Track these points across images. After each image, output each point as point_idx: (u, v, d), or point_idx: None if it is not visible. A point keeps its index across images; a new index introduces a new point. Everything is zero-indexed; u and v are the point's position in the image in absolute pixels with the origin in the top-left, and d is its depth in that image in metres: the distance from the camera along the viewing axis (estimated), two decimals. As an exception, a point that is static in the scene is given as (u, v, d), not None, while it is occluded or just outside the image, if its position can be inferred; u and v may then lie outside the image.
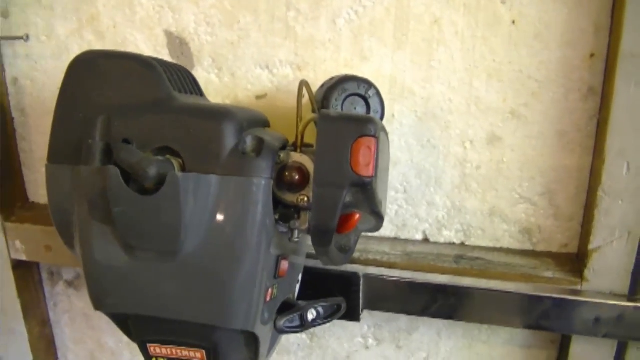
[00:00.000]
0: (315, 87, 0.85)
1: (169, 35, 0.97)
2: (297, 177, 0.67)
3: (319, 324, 0.79)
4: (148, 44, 0.98)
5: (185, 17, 0.96)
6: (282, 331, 0.76)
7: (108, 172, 0.64)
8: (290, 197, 0.68)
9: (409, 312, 0.95)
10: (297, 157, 0.68)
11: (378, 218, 0.71)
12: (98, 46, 1.00)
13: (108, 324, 1.19)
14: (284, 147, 0.70)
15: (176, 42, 0.97)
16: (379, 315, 1.05)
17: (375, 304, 0.95)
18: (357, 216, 0.69)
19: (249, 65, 0.96)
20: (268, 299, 0.71)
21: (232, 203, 0.65)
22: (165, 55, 0.98)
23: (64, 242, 0.73)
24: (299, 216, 0.69)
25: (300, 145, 0.69)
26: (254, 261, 0.66)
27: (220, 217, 0.65)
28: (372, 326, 1.08)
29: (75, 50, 1.01)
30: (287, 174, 0.67)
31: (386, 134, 0.72)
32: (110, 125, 0.66)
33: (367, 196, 0.66)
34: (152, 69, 0.68)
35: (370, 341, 1.09)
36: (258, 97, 0.97)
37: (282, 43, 0.94)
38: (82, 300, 1.21)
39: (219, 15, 0.95)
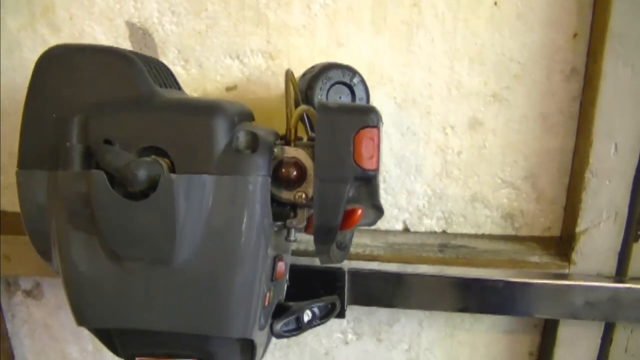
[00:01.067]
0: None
1: (130, 26, 0.92)
2: (294, 173, 0.63)
3: (315, 325, 0.76)
4: (108, 36, 0.93)
5: (148, 6, 0.91)
6: (279, 336, 0.72)
7: (92, 177, 0.59)
8: (286, 195, 0.64)
9: (396, 306, 0.92)
10: (292, 152, 0.64)
11: (378, 212, 0.68)
12: (53, 40, 0.94)
13: (71, 334, 1.15)
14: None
15: (139, 33, 0.92)
16: (358, 308, 1.02)
17: (361, 299, 0.91)
18: (360, 211, 0.65)
19: (217, 56, 0.91)
20: (266, 303, 0.67)
21: (228, 204, 0.60)
22: (126, 48, 0.92)
23: (39, 253, 0.67)
24: (295, 214, 0.65)
25: (293, 139, 0.65)
26: (253, 265, 0.62)
27: (216, 220, 0.60)
28: (352, 320, 1.05)
29: (28, 45, 0.95)
30: (283, 170, 0.63)
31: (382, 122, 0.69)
32: (88, 125, 0.61)
33: (369, 190, 0.63)
34: (131, 63, 0.63)
35: (350, 336, 1.06)
36: (228, 89, 0.92)
37: (253, 31, 0.89)
38: (42, 310, 1.15)
39: (184, 3, 0.90)
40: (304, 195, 0.63)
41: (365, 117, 0.61)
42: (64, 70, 0.63)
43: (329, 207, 0.61)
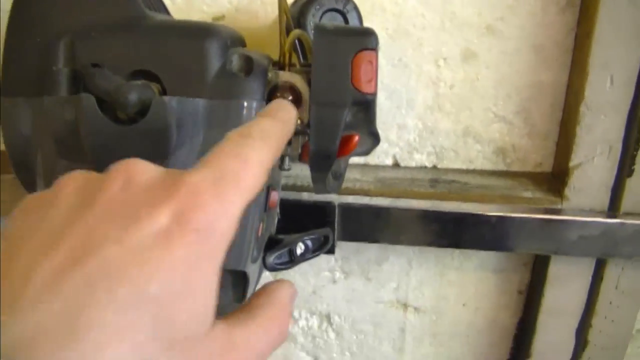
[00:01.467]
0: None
1: (113, -47, 0.89)
2: (290, 98, 0.61)
3: (308, 258, 0.74)
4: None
5: None
6: (272, 268, 0.70)
7: (81, 101, 0.56)
8: (281, 121, 0.62)
9: (386, 242, 0.91)
10: (287, 77, 0.62)
11: (374, 139, 0.67)
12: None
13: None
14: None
15: (122, -40, 0.89)
16: (346, 246, 1.01)
17: (351, 235, 0.90)
18: (357, 138, 0.64)
19: (204, -16, 0.89)
20: (259, 234, 0.65)
21: (222, 129, 0.58)
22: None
23: (24, 186, 0.65)
24: (290, 141, 0.63)
25: (288, 64, 0.63)
26: (246, 192, 0.61)
27: (209, 145, 0.58)
28: (340, 259, 1.04)
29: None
30: (278, 94, 0.61)
31: None
32: (75, 49, 0.58)
33: (367, 116, 0.61)
34: None
35: (338, 274, 1.06)
36: (215, 19, 0.90)
37: (242, -42, 0.87)
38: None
39: None
40: (299, 122, 0.62)
41: (364, 39, 0.59)
42: (49, -7, 0.61)
43: (326, 132, 0.59)
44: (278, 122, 0.48)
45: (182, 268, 0.35)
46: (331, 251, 0.88)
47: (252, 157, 0.41)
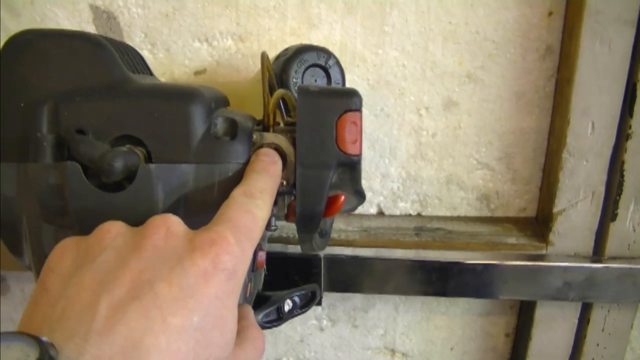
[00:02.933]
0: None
1: (94, 9, 0.88)
2: (275, 160, 0.61)
3: (296, 315, 0.74)
4: (71, 21, 0.89)
5: (112, -11, 0.88)
6: (261, 327, 0.70)
7: (66, 169, 0.56)
8: (266, 182, 0.62)
9: (372, 292, 0.91)
10: (272, 138, 0.62)
11: (360, 197, 0.67)
12: (12, 25, 0.90)
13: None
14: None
15: (103, 16, 0.89)
16: (333, 294, 1.01)
17: (336, 286, 0.90)
18: (343, 197, 0.64)
19: (185, 39, 0.88)
20: (247, 294, 0.65)
21: (208, 193, 0.58)
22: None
23: (9, 250, 0.64)
24: (276, 202, 0.63)
25: (272, 125, 0.63)
26: (233, 255, 0.60)
27: (196, 210, 0.58)
28: (326, 307, 1.04)
29: (-15, 31, 0.91)
30: (263, 156, 0.61)
31: None
32: (59, 114, 0.58)
33: (352, 176, 0.61)
34: (103, 48, 0.60)
35: (325, 322, 1.05)
36: (197, 73, 0.90)
37: (222, 12, 0.87)
38: (7, 305, 1.11)
39: (149, -16, 0.87)
40: (284, 182, 0.61)
41: (348, 100, 0.59)
42: (32, 57, 0.60)
43: (312, 193, 0.59)
44: (271, 178, 0.56)
45: (217, 302, 0.44)
46: (318, 303, 0.88)
47: (258, 214, 0.50)
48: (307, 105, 0.59)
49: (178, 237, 0.47)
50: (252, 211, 0.50)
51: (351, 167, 0.60)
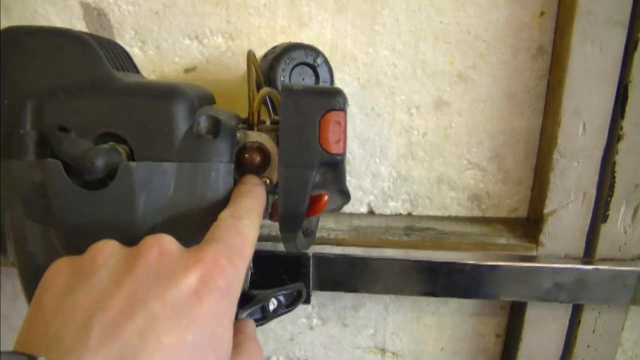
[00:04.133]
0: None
1: (85, 6, 0.88)
2: (258, 159, 0.61)
3: (281, 314, 0.73)
4: (62, 17, 0.89)
5: (102, -14, 0.88)
6: (244, 326, 0.70)
7: (48, 167, 0.56)
8: (250, 181, 0.62)
9: (361, 291, 0.91)
10: (256, 136, 0.61)
11: (344, 197, 0.66)
12: (3, 22, 0.90)
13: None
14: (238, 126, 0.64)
15: (93, 13, 0.88)
16: (322, 293, 1.00)
17: (325, 285, 0.90)
18: (326, 197, 0.63)
19: (176, 36, 0.88)
20: (238, 298, 0.65)
21: (190, 192, 0.58)
22: (81, 29, 0.89)
23: None
24: (260, 201, 0.63)
25: (257, 123, 0.63)
26: (216, 255, 0.60)
27: (177, 208, 0.58)
28: (316, 305, 1.04)
29: (-23, 27, 0.91)
30: (246, 155, 0.61)
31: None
32: (42, 111, 0.58)
33: (336, 175, 0.61)
34: (87, 45, 0.60)
35: (315, 321, 1.05)
36: (187, 71, 0.90)
37: (213, 10, 0.86)
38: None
39: (140, -18, 0.87)
40: (268, 182, 0.61)
41: (331, 99, 0.58)
42: (16, 54, 0.60)
43: (294, 193, 0.59)
44: (257, 200, 0.58)
45: (211, 320, 0.44)
46: (306, 301, 0.87)
47: (247, 233, 0.52)
48: (290, 103, 0.59)
49: (171, 256, 0.48)
50: (241, 231, 0.52)
51: (334, 166, 0.59)
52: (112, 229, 0.57)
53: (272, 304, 0.73)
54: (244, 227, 0.52)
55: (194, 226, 0.58)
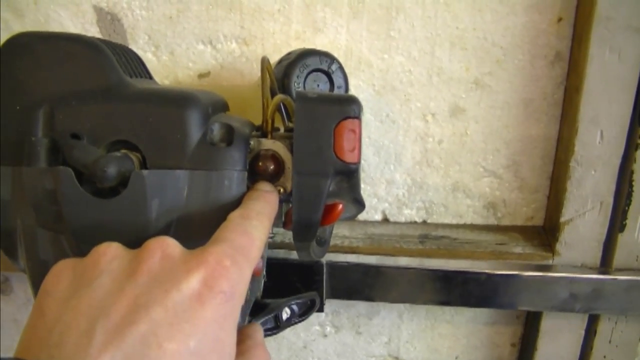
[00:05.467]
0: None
1: (98, 11, 0.88)
2: (272, 167, 0.60)
3: (294, 323, 0.73)
4: (75, 22, 0.89)
5: (116, -10, 0.87)
6: (257, 335, 0.69)
7: (59, 174, 0.55)
8: (263, 189, 0.61)
9: (375, 299, 0.90)
10: (269, 144, 0.61)
11: (359, 206, 0.65)
12: (16, 26, 0.89)
13: (41, 327, 1.11)
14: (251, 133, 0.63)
15: (107, 18, 0.88)
16: (337, 301, 1.00)
17: (339, 293, 0.89)
18: (340, 206, 0.63)
19: (189, 42, 0.88)
20: (243, 302, 0.64)
21: (202, 200, 0.57)
22: (94, 34, 0.88)
23: (5, 252, 0.63)
24: (273, 209, 0.62)
25: (270, 131, 0.62)
26: (229, 263, 0.59)
27: (190, 217, 0.57)
28: (330, 313, 1.03)
29: (-10, 31, 0.91)
30: (260, 163, 0.60)
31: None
32: (54, 118, 0.57)
33: (350, 184, 0.60)
34: (99, 51, 0.59)
35: (329, 329, 1.04)
36: (200, 76, 0.89)
37: (227, 15, 0.86)
38: (10, 305, 1.11)
39: (154, -14, 0.86)
40: (282, 190, 0.60)
41: (346, 107, 0.58)
42: (28, 60, 0.59)
43: (308, 202, 0.58)
44: (268, 204, 0.56)
45: (214, 325, 0.43)
46: (320, 309, 0.87)
47: (255, 234, 0.51)
48: (304, 111, 0.58)
49: (174, 259, 0.47)
50: (249, 232, 0.51)
51: (349, 175, 0.59)
52: (123, 236, 0.56)
53: (285, 313, 0.72)
54: (252, 228, 0.51)
55: (206, 235, 0.57)
